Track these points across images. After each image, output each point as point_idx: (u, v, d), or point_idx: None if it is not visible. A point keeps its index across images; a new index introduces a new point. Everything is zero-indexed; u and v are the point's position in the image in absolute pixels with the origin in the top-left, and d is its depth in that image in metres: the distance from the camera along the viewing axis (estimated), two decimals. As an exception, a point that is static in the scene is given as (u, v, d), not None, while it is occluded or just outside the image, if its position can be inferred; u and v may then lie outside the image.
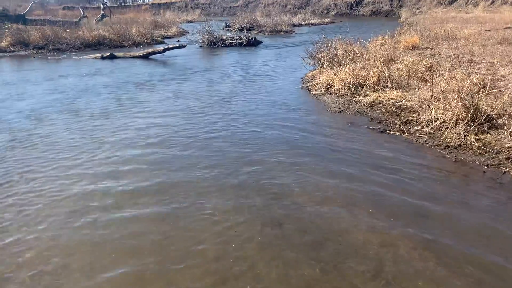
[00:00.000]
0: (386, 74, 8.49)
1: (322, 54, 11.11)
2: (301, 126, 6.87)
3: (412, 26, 23.00)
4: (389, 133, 6.31)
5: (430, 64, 9.01)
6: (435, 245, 3.56)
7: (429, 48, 13.07)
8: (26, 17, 25.18)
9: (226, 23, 31.87)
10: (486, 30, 17.78)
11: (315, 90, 9.37)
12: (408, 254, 3.46)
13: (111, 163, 5.52)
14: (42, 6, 42.96)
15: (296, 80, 11.01)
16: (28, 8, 27.15)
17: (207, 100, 8.99)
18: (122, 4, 74.95)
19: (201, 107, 8.44)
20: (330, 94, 8.96)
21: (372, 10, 50.30)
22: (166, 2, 69.78)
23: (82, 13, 31.05)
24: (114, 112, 8.22)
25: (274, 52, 17.72)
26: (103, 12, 33.14)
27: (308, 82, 10.35)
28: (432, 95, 7.28)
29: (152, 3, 69.63)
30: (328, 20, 39.99)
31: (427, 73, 8.80)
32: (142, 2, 79.70)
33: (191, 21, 43.42)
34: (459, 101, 5.96)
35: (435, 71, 8.84)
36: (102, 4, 37.09)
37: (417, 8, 43.87)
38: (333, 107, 7.96)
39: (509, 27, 18.06)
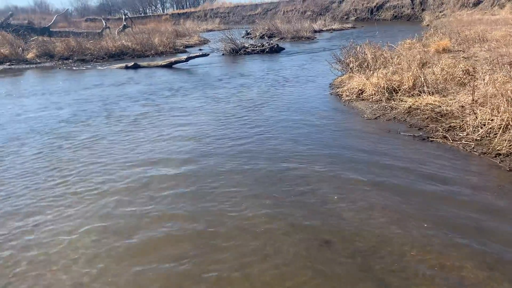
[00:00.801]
0: (422, 78, 8.12)
1: (351, 58, 10.78)
2: (337, 134, 6.56)
3: (438, 29, 22.45)
4: (431, 141, 5.95)
5: (467, 67, 8.59)
6: (502, 266, 3.21)
7: (461, 51, 12.61)
8: (51, 30, 25.59)
9: (246, 31, 31.81)
10: (517, 31, 17.16)
11: (346, 96, 9.05)
12: (474, 276, 3.11)
13: (148, 162, 5.35)
14: (65, 18, 43.78)
15: (324, 86, 10.71)
16: (52, 21, 27.60)
17: (239, 107, 8.77)
18: (143, 14, 76.06)
19: (234, 113, 8.22)
20: (363, 100, 8.62)
21: (393, 15, 49.63)
22: (186, 12, 70.50)
23: (104, 24, 31.40)
24: (153, 116, 8.42)
25: (298, 59, 17.46)
26: (125, 23, 33.44)
27: (337, 87, 10.03)
28: (474, 100, 6.90)
29: (172, 13, 70.41)
30: (349, 25, 39.64)
31: (465, 76, 8.41)
32: (162, 12, 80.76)
33: (211, 30, 43.62)
34: (509, 105, 5.56)
35: (473, 75, 8.45)
36: (124, 15, 37.51)
37: (440, 12, 43.06)
38: (367, 113, 7.62)
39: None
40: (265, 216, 4.11)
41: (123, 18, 35.12)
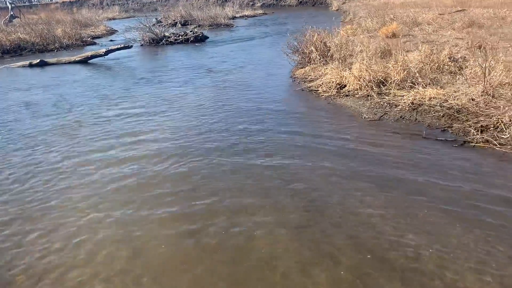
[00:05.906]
0: (414, 68, 7.23)
1: (312, 48, 9.64)
2: (345, 144, 5.32)
3: (358, 15, 22.30)
4: (473, 146, 5.01)
5: (451, 54, 7.92)
6: None
7: (410, 35, 12.15)
8: None
9: (156, 19, 29.26)
10: (440, 14, 17.47)
11: (323, 91, 7.90)
12: None
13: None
14: None
15: (286, 79, 9.48)
16: None
17: (197, 115, 7.15)
18: (27, 3, 68.03)
19: (194, 123, 6.62)
20: (347, 95, 7.52)
21: (298, 0, 49.83)
22: (79, 0, 64.49)
23: (-13, 14, 26.90)
24: (94, 131, 6.21)
25: (229, 48, 15.96)
26: (12, 13, 29.03)
27: (305, 81, 8.85)
28: (485, 91, 6.15)
29: (63, 1, 63.89)
30: (261, 11, 38.90)
31: (452, 64, 7.72)
32: (50, 1, 73.08)
33: (112, 19, 40.18)
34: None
35: (461, 62, 7.81)
36: (10, 3, 32.53)
37: (345, -4, 43.94)
38: (365, 113, 6.52)
39: (459, 10, 17.97)
40: None
41: (10, 7, 30.55)
